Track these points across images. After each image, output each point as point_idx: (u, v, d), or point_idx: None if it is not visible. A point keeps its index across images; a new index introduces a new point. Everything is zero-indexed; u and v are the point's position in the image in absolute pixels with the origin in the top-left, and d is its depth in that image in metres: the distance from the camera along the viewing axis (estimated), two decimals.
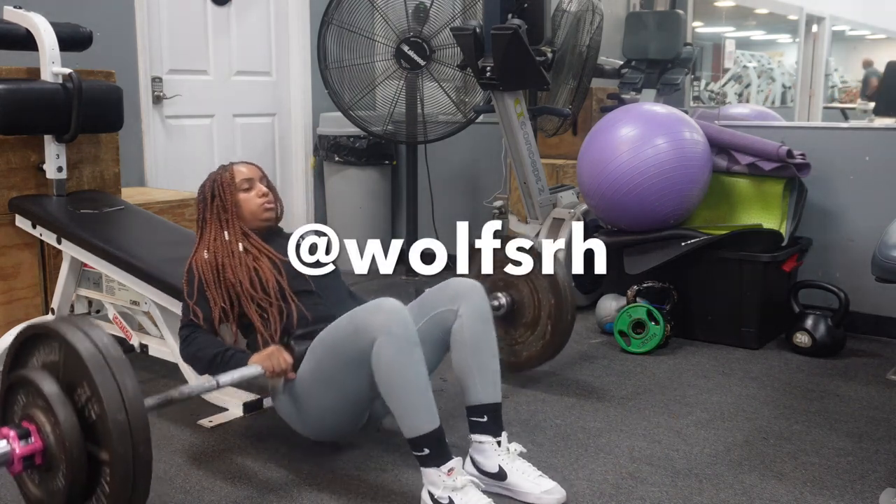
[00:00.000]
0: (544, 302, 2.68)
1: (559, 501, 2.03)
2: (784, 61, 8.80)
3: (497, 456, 2.08)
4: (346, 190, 4.57)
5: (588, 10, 3.60)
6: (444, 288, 2.20)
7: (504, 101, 3.24)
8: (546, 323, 2.70)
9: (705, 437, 2.42)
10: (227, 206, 2.29)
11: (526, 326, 2.75)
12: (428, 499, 1.94)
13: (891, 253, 2.02)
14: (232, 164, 2.37)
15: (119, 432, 1.57)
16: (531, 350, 2.76)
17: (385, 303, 1.97)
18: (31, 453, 1.67)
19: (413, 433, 1.92)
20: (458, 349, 2.13)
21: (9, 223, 2.86)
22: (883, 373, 2.99)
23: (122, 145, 3.26)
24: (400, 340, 1.91)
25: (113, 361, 1.62)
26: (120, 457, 1.58)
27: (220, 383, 1.97)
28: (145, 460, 1.62)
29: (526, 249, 2.61)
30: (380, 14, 3.69)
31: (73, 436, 1.62)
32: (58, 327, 1.68)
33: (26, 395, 1.72)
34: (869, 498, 2.07)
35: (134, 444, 1.59)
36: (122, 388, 1.59)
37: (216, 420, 2.52)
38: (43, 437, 1.67)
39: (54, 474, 1.68)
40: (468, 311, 2.13)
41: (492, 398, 2.12)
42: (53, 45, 2.83)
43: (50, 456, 1.67)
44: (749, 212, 3.39)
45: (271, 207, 2.35)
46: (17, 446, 1.66)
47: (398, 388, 1.91)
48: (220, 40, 4.30)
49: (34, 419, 1.68)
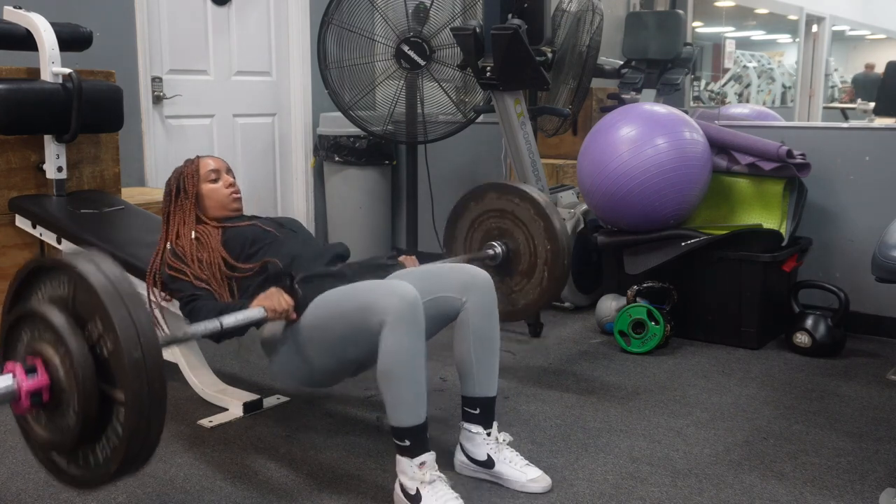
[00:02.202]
0: (540, 248, 2.63)
1: (544, 489, 2.08)
2: (784, 61, 8.81)
3: (486, 445, 2.13)
4: (346, 190, 4.57)
5: (588, 10, 3.59)
6: (455, 272, 2.18)
7: (504, 101, 3.24)
8: (542, 269, 2.64)
9: (705, 437, 2.42)
10: (190, 199, 2.35)
11: (522, 274, 2.69)
12: (398, 490, 1.97)
13: (891, 253, 2.02)
14: (199, 157, 2.44)
15: (136, 370, 1.48)
16: (528, 298, 2.69)
17: (401, 288, 1.94)
18: (38, 388, 1.56)
19: (399, 423, 1.94)
20: (461, 340, 2.15)
21: (9, 223, 2.87)
22: (883, 373, 2.99)
23: (122, 145, 3.26)
24: (409, 331, 1.91)
25: (127, 296, 1.51)
26: (136, 395, 1.49)
27: (223, 324, 1.92)
28: (160, 399, 1.52)
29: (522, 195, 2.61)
30: (380, 14, 3.69)
31: (85, 367, 1.52)
32: (67, 259, 1.57)
33: (31, 330, 1.61)
34: (869, 498, 2.07)
35: (150, 382, 1.49)
36: (137, 323, 1.49)
37: (216, 420, 2.52)
38: (51, 372, 1.57)
39: (63, 411, 1.57)
40: (475, 305, 2.13)
41: (488, 392, 2.15)
42: (53, 45, 2.83)
43: (58, 391, 1.56)
44: (749, 212, 3.39)
45: (238, 197, 2.43)
46: (24, 380, 1.55)
47: (396, 377, 1.92)
48: (220, 40, 4.30)
49: (41, 353, 1.58)
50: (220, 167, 2.43)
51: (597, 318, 3.49)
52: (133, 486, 2.10)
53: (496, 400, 2.18)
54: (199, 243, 2.28)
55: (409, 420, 1.93)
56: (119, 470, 1.56)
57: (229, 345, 3.18)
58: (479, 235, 2.74)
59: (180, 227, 2.33)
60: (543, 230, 2.61)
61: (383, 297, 1.93)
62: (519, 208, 2.65)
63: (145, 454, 1.57)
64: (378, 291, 1.97)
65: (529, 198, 2.63)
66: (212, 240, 2.28)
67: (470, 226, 2.76)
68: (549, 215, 2.60)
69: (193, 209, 2.35)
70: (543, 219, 2.60)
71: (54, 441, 1.63)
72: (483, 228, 2.73)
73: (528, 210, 2.63)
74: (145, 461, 1.59)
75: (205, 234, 2.31)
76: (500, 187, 2.72)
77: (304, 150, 4.72)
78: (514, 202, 2.67)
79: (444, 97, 3.74)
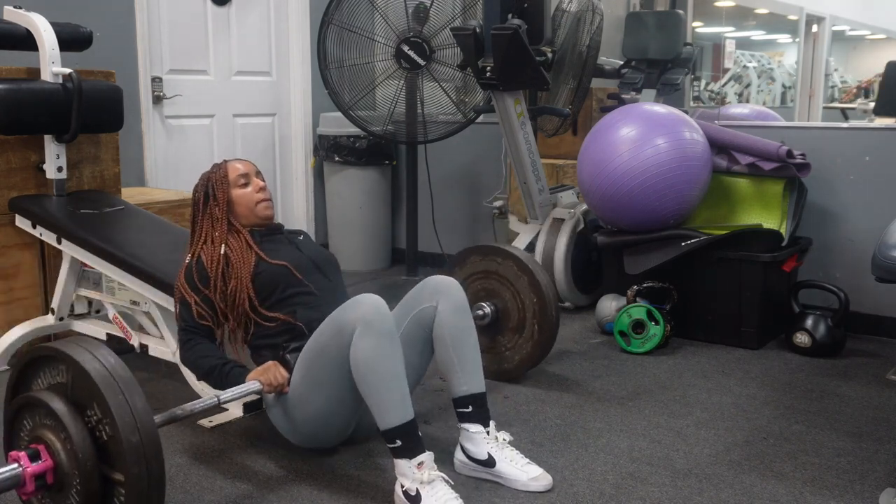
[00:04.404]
0: (528, 303, 2.73)
1: (546, 487, 2.08)
2: (784, 61, 8.80)
3: (486, 444, 2.13)
4: (346, 190, 4.58)
5: (588, 10, 3.59)
6: (423, 286, 2.24)
7: (504, 101, 3.24)
8: (532, 323, 2.74)
9: (705, 437, 2.42)
10: (220, 205, 2.27)
11: (513, 331, 2.78)
12: (399, 491, 1.96)
13: (891, 253, 2.02)
14: (226, 161, 2.36)
15: (134, 453, 1.59)
16: (522, 353, 2.79)
17: (363, 297, 2.01)
18: (42, 472, 1.65)
19: (385, 425, 1.94)
20: (439, 344, 2.18)
21: (9, 223, 2.87)
22: (883, 373, 2.99)
23: (122, 145, 3.26)
24: (376, 331, 1.94)
25: (123, 382, 1.62)
26: (135, 477, 1.59)
27: (220, 400, 2.00)
28: (159, 479, 1.63)
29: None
30: (380, 14, 3.69)
31: (85, 450, 1.62)
32: (64, 348, 1.67)
33: (33, 418, 1.71)
34: (869, 498, 2.07)
35: (148, 464, 1.60)
36: (133, 409, 1.60)
37: (216, 420, 2.52)
38: (53, 455, 1.65)
39: (66, 494, 1.66)
40: (446, 305, 2.18)
41: (475, 388, 2.17)
42: (53, 45, 2.83)
43: (62, 474, 1.65)
44: (749, 212, 3.39)
45: (270, 206, 2.34)
46: (28, 465, 1.64)
47: (372, 379, 1.94)
48: (220, 40, 4.30)
49: (43, 439, 1.67)
50: (250, 171, 2.32)
51: (597, 318, 3.49)
52: None
53: (487, 397, 2.19)
54: (229, 264, 2.21)
55: (395, 419, 1.93)
56: None
57: None
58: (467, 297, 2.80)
59: (210, 234, 2.25)
60: (528, 285, 2.72)
61: (348, 313, 1.98)
62: (502, 267, 2.76)
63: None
64: (341, 311, 2.02)
65: (511, 256, 2.74)
66: (244, 269, 2.20)
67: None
68: (531, 270, 2.72)
69: (225, 216, 2.26)
70: (527, 274, 2.72)
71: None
72: (470, 291, 2.79)
73: (512, 267, 2.74)
74: None
75: (237, 253, 2.22)
76: (482, 249, 2.83)
77: (304, 150, 4.72)
78: (496, 262, 2.78)
79: (444, 97, 3.75)
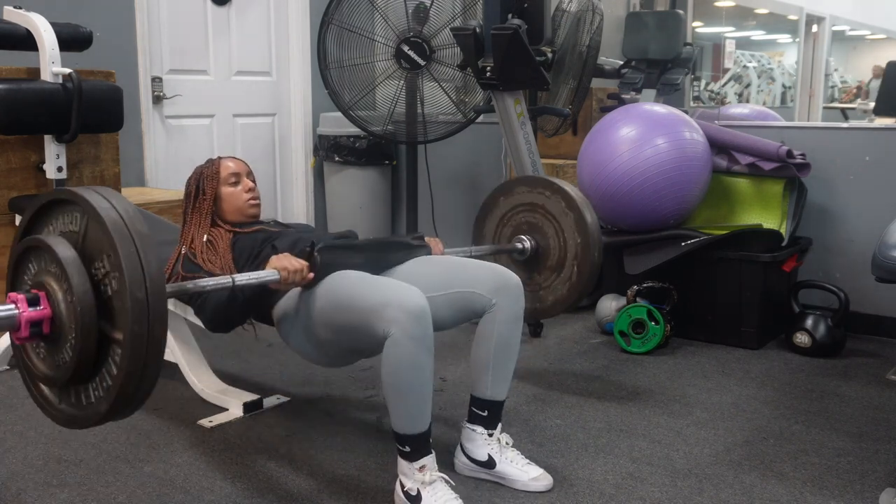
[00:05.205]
0: (570, 242, 2.56)
1: (546, 487, 2.08)
2: (784, 61, 8.80)
3: (487, 445, 2.13)
4: (346, 190, 4.57)
5: (588, 10, 3.59)
6: (488, 271, 2.14)
7: (504, 101, 3.24)
8: (572, 264, 2.57)
9: (705, 437, 2.42)
10: (208, 200, 2.29)
11: (551, 270, 2.62)
12: (399, 491, 1.96)
13: (891, 253, 2.02)
14: (220, 158, 2.38)
15: (138, 310, 1.45)
16: (557, 294, 2.62)
17: (411, 301, 1.86)
18: (38, 319, 1.54)
19: (399, 429, 1.93)
20: (483, 341, 2.13)
21: (9, 223, 2.87)
22: (883, 373, 2.99)
23: (122, 145, 3.26)
24: (414, 345, 1.85)
25: (138, 236, 1.49)
26: (135, 336, 1.46)
27: (235, 281, 1.87)
28: (158, 343, 1.49)
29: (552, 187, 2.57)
30: (380, 14, 3.69)
31: (86, 304, 1.49)
32: (83, 193, 1.53)
33: (38, 262, 1.59)
34: (869, 498, 2.07)
35: (150, 325, 1.47)
36: (144, 263, 1.46)
37: (216, 420, 2.52)
38: (53, 305, 1.54)
39: (61, 346, 1.56)
40: (504, 309, 2.10)
41: (498, 396, 2.16)
42: (53, 45, 2.83)
43: (59, 325, 1.55)
44: (749, 212, 3.39)
45: (257, 203, 2.36)
46: (26, 310, 1.54)
47: (400, 389, 1.89)
48: (220, 40, 4.30)
49: (45, 286, 1.56)
50: (241, 170, 2.35)
51: (597, 318, 3.49)
52: (133, 487, 2.11)
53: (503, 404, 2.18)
54: (210, 247, 2.23)
55: (411, 429, 1.92)
56: (110, 411, 1.53)
57: (231, 343, 3.18)
58: (508, 231, 2.69)
59: (195, 229, 2.28)
60: (574, 223, 2.55)
61: (391, 308, 1.85)
62: (550, 202, 2.59)
63: (139, 398, 1.54)
64: (388, 297, 1.89)
65: (560, 190, 2.57)
66: (220, 243, 2.23)
67: (499, 222, 2.71)
68: (580, 208, 2.54)
69: (210, 211, 2.30)
70: (575, 211, 2.54)
71: (49, 375, 1.61)
72: (512, 224, 2.68)
73: (559, 203, 2.57)
74: (138, 405, 1.56)
75: (216, 237, 2.25)
76: (531, 181, 2.68)
77: (304, 150, 4.72)
78: (544, 195, 2.60)
79: (444, 97, 3.74)
